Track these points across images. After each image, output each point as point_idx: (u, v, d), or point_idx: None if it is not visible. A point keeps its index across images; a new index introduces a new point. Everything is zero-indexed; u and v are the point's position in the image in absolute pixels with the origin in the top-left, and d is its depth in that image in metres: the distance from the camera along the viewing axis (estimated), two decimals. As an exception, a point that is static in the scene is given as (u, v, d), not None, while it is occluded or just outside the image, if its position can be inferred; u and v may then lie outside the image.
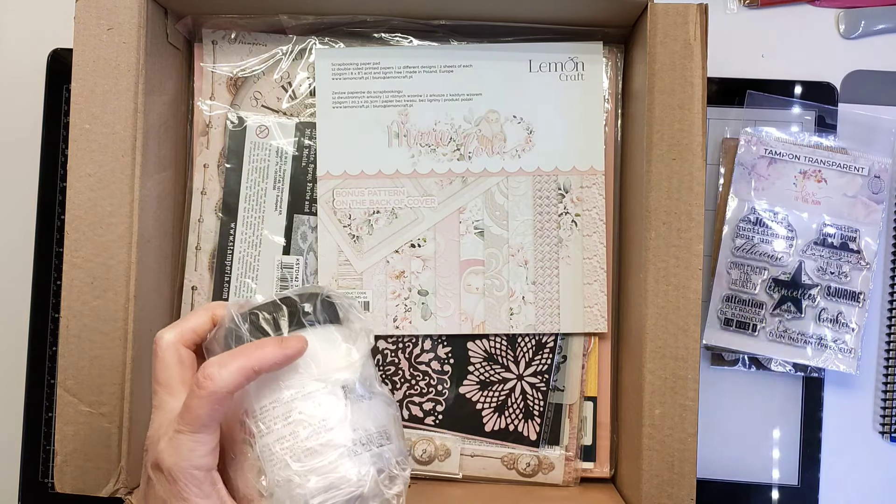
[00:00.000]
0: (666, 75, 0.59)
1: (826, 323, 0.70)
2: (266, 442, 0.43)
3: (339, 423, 0.43)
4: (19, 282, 0.73)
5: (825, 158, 0.70)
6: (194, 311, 0.47)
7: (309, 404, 0.43)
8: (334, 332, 0.46)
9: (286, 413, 0.43)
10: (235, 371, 0.41)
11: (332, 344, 0.46)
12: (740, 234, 0.71)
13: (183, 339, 0.46)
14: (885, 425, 0.71)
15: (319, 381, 0.44)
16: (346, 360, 0.45)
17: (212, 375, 0.41)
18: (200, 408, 0.41)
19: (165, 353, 0.45)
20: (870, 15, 0.74)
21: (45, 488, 0.72)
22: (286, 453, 0.43)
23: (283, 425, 0.43)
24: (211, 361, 0.42)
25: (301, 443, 0.43)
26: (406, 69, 0.68)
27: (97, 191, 0.59)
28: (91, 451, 0.59)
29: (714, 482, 0.71)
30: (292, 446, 0.43)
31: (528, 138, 0.68)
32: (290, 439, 0.43)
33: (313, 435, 0.43)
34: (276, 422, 0.43)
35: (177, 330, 0.46)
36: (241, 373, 0.41)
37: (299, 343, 0.44)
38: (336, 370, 0.45)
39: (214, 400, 0.41)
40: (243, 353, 0.42)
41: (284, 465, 0.43)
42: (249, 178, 0.68)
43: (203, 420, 0.41)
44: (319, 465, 0.43)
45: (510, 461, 0.67)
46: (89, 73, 0.60)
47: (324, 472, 0.43)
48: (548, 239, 0.67)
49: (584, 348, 0.68)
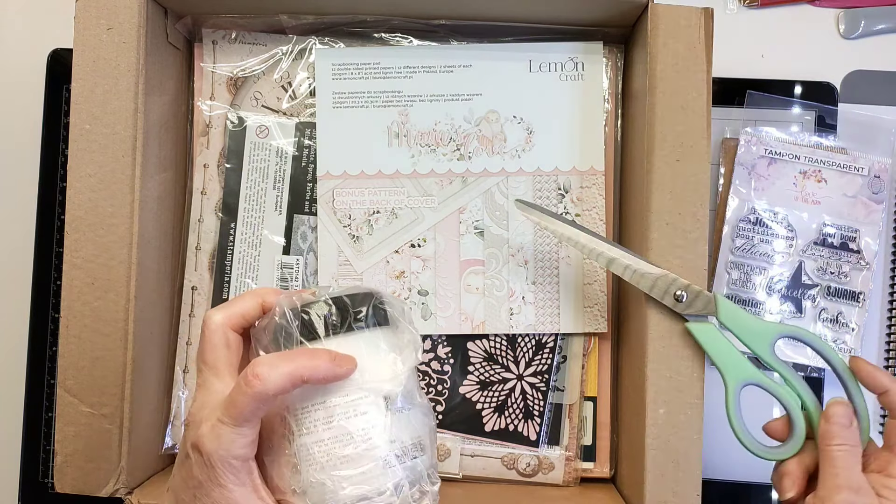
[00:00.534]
0: (668, 76, 0.59)
1: (826, 323, 0.70)
2: (304, 442, 0.44)
3: (378, 434, 0.44)
4: (19, 282, 0.73)
5: (825, 158, 0.71)
6: (244, 294, 0.47)
7: (351, 412, 0.44)
8: (383, 340, 0.46)
9: (328, 417, 0.44)
10: (285, 376, 0.41)
11: (379, 352, 0.46)
12: (740, 234, 0.71)
13: (231, 322, 0.46)
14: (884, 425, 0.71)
15: (363, 390, 0.44)
16: (391, 370, 0.45)
17: (261, 375, 0.41)
18: (245, 405, 0.41)
19: (213, 335, 0.45)
20: (870, 15, 0.74)
21: (45, 488, 0.72)
22: (323, 457, 0.43)
23: (324, 429, 0.43)
24: (262, 361, 0.42)
25: (339, 449, 0.43)
26: (406, 69, 0.68)
27: (97, 191, 0.59)
28: (91, 451, 0.59)
29: (715, 482, 0.71)
30: (330, 451, 0.43)
31: (528, 138, 0.68)
32: (329, 444, 0.43)
33: (352, 443, 0.43)
34: (316, 424, 0.44)
35: (226, 312, 0.46)
36: (289, 379, 0.42)
37: (351, 364, 0.44)
38: (381, 380, 0.45)
39: (260, 399, 0.41)
40: (295, 360, 0.42)
41: (320, 467, 0.43)
42: (249, 178, 0.68)
43: (246, 416, 0.42)
44: (355, 473, 0.43)
45: (510, 461, 0.67)
46: (89, 73, 0.60)
47: (358, 482, 0.43)
48: (548, 239, 0.67)
49: (584, 348, 0.68)
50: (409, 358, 0.46)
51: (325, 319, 0.45)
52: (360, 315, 0.45)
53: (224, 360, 0.46)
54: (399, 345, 0.47)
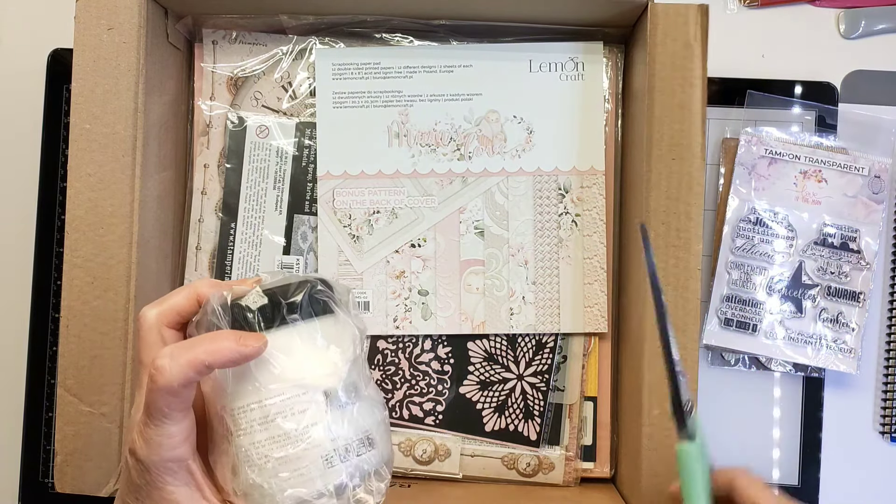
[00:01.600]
0: (666, 75, 0.59)
1: (826, 323, 0.70)
2: (242, 443, 0.42)
3: (317, 433, 0.42)
4: (19, 282, 0.73)
5: (825, 158, 0.70)
6: (179, 288, 0.45)
7: (287, 410, 0.42)
8: (321, 332, 0.44)
9: (263, 417, 0.42)
10: (185, 364, 0.39)
11: (316, 345, 0.43)
12: (740, 234, 0.71)
13: (166, 319, 0.44)
14: (885, 425, 0.71)
15: (300, 387, 0.42)
16: (331, 363, 0.43)
17: (161, 368, 0.39)
18: (154, 401, 0.40)
19: (148, 334, 0.43)
20: (870, 15, 0.74)
21: (45, 488, 0.72)
22: (260, 458, 0.42)
23: (260, 429, 0.42)
24: (163, 352, 0.40)
25: (276, 450, 0.41)
26: (406, 69, 0.68)
27: (97, 191, 0.59)
28: (91, 451, 0.59)
29: (714, 482, 0.71)
30: (267, 452, 0.41)
31: (528, 138, 0.68)
32: (266, 445, 0.42)
33: (289, 443, 0.41)
34: (252, 424, 0.42)
35: (160, 309, 0.44)
36: (191, 366, 0.40)
37: (258, 342, 0.41)
38: (319, 375, 0.43)
39: (168, 392, 0.39)
40: (196, 346, 0.40)
41: (258, 469, 0.42)
42: (249, 178, 0.69)
43: (163, 412, 0.40)
44: (293, 475, 0.42)
45: (510, 461, 0.67)
46: (89, 73, 0.60)
47: (297, 485, 0.41)
48: (548, 239, 0.67)
49: (584, 348, 0.68)
50: (348, 349, 0.44)
51: (255, 314, 0.42)
52: (294, 306, 0.43)
53: None
54: (339, 335, 0.44)
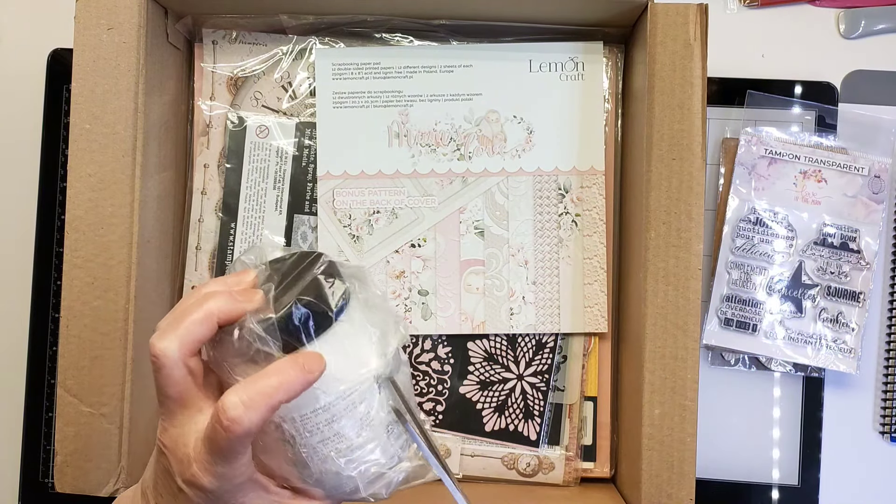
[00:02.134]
0: (666, 75, 0.59)
1: (826, 323, 0.70)
2: (309, 442, 0.43)
3: (376, 413, 0.44)
4: (19, 282, 0.73)
5: (825, 158, 0.70)
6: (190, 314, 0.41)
7: (350, 405, 0.43)
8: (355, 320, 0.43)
9: (329, 418, 0.43)
10: (263, 410, 0.39)
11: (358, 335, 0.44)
12: (740, 234, 0.71)
13: (189, 350, 0.41)
14: (885, 425, 0.71)
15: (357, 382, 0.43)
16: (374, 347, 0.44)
17: (238, 419, 0.38)
18: (230, 446, 0.39)
19: (173, 371, 0.41)
20: (870, 15, 0.74)
21: (45, 488, 0.72)
22: (332, 450, 0.43)
23: (327, 428, 0.43)
24: (234, 402, 0.38)
25: (347, 441, 0.43)
26: (406, 69, 0.68)
27: (97, 191, 0.59)
28: (91, 451, 0.59)
29: (714, 482, 0.71)
30: (338, 446, 0.43)
31: (528, 138, 0.68)
32: (336, 439, 0.43)
33: (356, 431, 0.43)
34: (319, 426, 0.43)
35: (180, 343, 0.41)
36: (267, 408, 0.39)
37: (320, 366, 0.41)
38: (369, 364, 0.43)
39: (243, 437, 0.39)
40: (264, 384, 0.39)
41: (331, 459, 0.43)
42: (249, 178, 0.68)
43: (236, 452, 0.40)
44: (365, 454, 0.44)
45: (510, 461, 0.67)
46: (89, 73, 0.60)
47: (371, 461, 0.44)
48: (548, 239, 0.67)
49: (584, 348, 0.68)
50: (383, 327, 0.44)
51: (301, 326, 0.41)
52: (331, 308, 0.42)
53: (191, 391, 0.42)
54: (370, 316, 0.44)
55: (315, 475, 0.44)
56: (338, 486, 0.44)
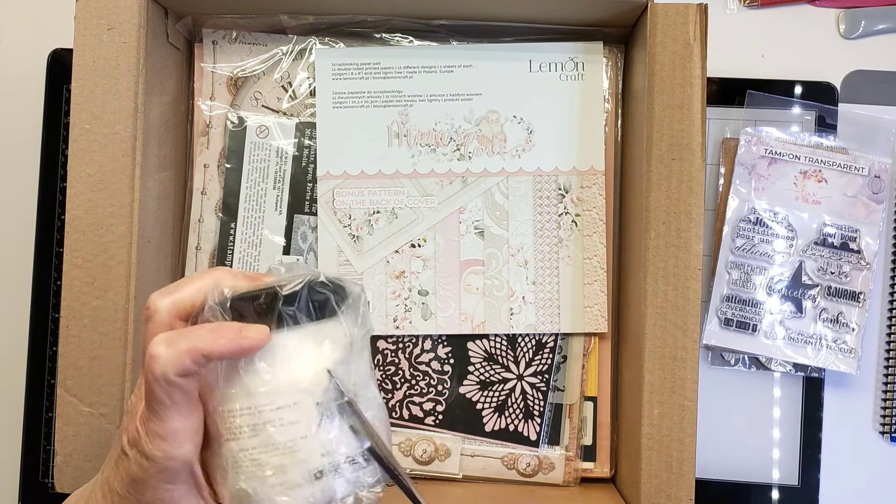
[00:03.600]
0: (666, 75, 0.59)
1: (826, 323, 0.70)
2: (231, 447, 0.40)
3: (307, 445, 0.40)
4: (19, 282, 0.73)
5: (825, 158, 0.70)
6: (195, 276, 0.42)
7: (278, 421, 0.40)
8: (318, 335, 0.41)
9: (253, 424, 0.40)
10: (183, 353, 0.37)
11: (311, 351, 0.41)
12: (740, 234, 0.71)
13: (179, 312, 0.41)
14: (885, 425, 0.71)
15: (293, 395, 0.40)
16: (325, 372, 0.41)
17: (157, 356, 0.37)
18: (154, 391, 0.38)
19: (157, 327, 0.40)
20: (870, 15, 0.74)
21: (45, 488, 0.72)
22: (249, 465, 0.40)
23: (249, 436, 0.40)
24: (158, 339, 0.38)
25: (265, 458, 0.40)
26: (406, 69, 0.68)
27: (97, 191, 0.59)
28: (91, 451, 0.59)
29: (714, 482, 0.71)
30: (256, 460, 0.40)
31: (528, 138, 0.68)
32: (254, 453, 0.40)
33: (278, 453, 0.40)
34: (241, 430, 0.40)
35: (172, 300, 0.41)
36: (188, 355, 0.37)
37: (260, 335, 0.39)
38: (314, 382, 0.40)
39: (165, 381, 0.37)
40: (194, 335, 0.38)
41: (246, 476, 0.40)
42: (249, 178, 0.69)
43: (164, 403, 0.38)
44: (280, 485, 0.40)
45: (510, 461, 0.67)
46: (89, 73, 0.60)
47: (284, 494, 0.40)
48: (548, 239, 0.67)
49: (584, 348, 0.68)
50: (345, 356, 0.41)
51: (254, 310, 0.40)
52: (291, 309, 0.40)
53: None
54: (338, 341, 0.41)
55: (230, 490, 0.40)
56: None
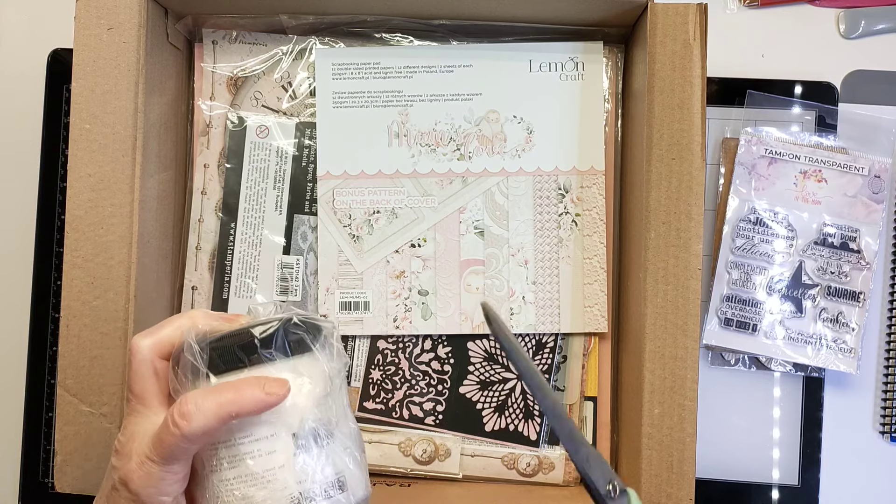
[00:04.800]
0: (666, 75, 0.59)
1: (826, 323, 0.70)
2: (213, 480, 0.42)
3: (283, 475, 0.42)
4: (19, 282, 0.73)
5: (825, 158, 0.70)
6: (174, 317, 0.45)
7: (255, 451, 0.42)
8: (294, 370, 0.43)
9: (232, 456, 0.42)
10: (212, 416, 0.40)
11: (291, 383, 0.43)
12: (740, 234, 0.71)
13: (160, 350, 0.44)
14: (885, 425, 0.71)
15: (269, 426, 0.42)
16: (301, 405, 0.43)
17: (188, 416, 0.40)
18: (172, 445, 0.40)
19: (140, 366, 0.44)
20: (870, 15, 0.74)
21: (45, 488, 0.72)
22: (229, 496, 0.42)
23: (228, 468, 0.42)
24: (188, 399, 0.41)
25: (243, 489, 0.42)
26: (406, 69, 0.68)
27: (97, 191, 0.59)
28: (91, 451, 0.59)
29: (714, 482, 0.71)
30: (235, 491, 0.42)
31: (528, 138, 0.68)
32: (234, 483, 0.42)
33: (255, 483, 0.42)
34: (222, 462, 0.42)
35: (153, 340, 0.44)
36: (217, 418, 0.40)
37: (282, 389, 0.42)
38: (290, 414, 0.42)
39: (187, 440, 0.40)
40: (222, 395, 0.41)
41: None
42: (249, 178, 0.69)
43: (175, 455, 0.41)
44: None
45: (510, 461, 0.67)
46: (89, 73, 0.60)
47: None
48: (548, 239, 0.67)
49: (584, 348, 0.68)
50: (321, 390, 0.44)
51: (232, 352, 0.43)
52: (268, 344, 0.43)
53: (152, 391, 0.44)
54: (313, 375, 0.44)
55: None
56: None
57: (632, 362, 0.63)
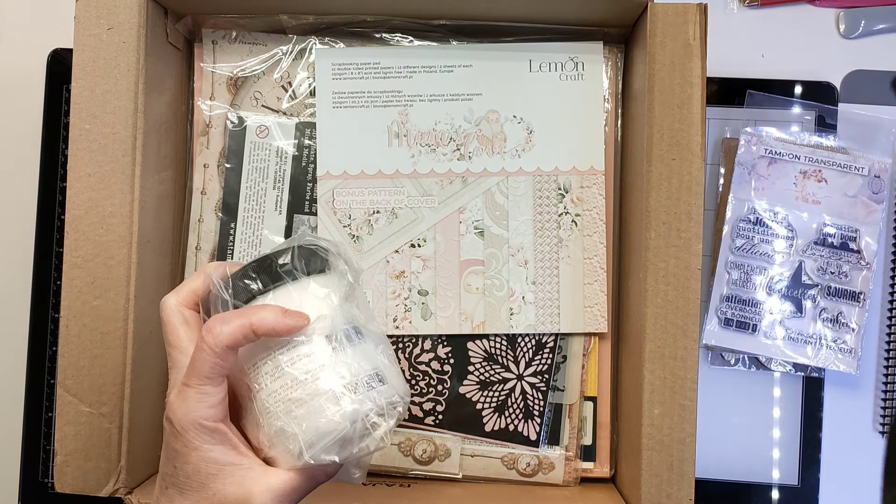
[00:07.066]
0: (666, 75, 0.59)
1: (826, 323, 0.70)
2: (261, 397, 0.45)
3: (324, 372, 0.45)
4: (19, 282, 0.73)
5: (825, 158, 0.70)
6: (192, 276, 0.49)
7: (294, 357, 0.45)
8: (315, 281, 0.47)
9: (274, 368, 0.45)
10: (236, 328, 0.43)
11: (312, 295, 0.47)
12: (740, 234, 0.71)
13: (185, 301, 0.48)
14: (885, 425, 0.71)
15: (303, 334, 0.45)
16: (328, 309, 0.46)
17: (213, 330, 0.43)
18: (203, 361, 0.43)
19: (171, 316, 0.47)
20: (870, 15, 0.74)
21: (45, 488, 0.72)
22: (277, 405, 0.45)
23: (272, 380, 0.45)
24: (214, 318, 0.44)
25: (290, 394, 0.44)
26: (406, 69, 0.68)
27: (97, 191, 0.59)
28: (91, 451, 0.59)
29: (714, 482, 0.71)
30: (283, 398, 0.45)
31: (528, 138, 0.68)
32: (281, 392, 0.45)
33: (300, 386, 0.44)
34: (266, 377, 0.45)
35: (178, 294, 0.48)
36: (240, 330, 0.43)
37: (301, 318, 0.45)
38: (319, 321, 0.46)
39: (216, 354, 0.43)
40: (244, 313, 0.44)
41: (276, 416, 0.44)
42: (249, 178, 0.69)
43: (206, 372, 0.43)
44: (308, 412, 0.44)
45: (510, 461, 0.67)
46: (89, 73, 0.60)
47: (313, 420, 0.44)
48: (548, 239, 0.68)
49: (584, 348, 0.68)
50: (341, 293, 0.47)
51: (253, 278, 0.46)
52: (285, 264, 0.46)
53: (184, 338, 0.47)
54: (333, 283, 0.48)
55: (268, 436, 0.45)
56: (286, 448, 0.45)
57: (632, 362, 0.63)
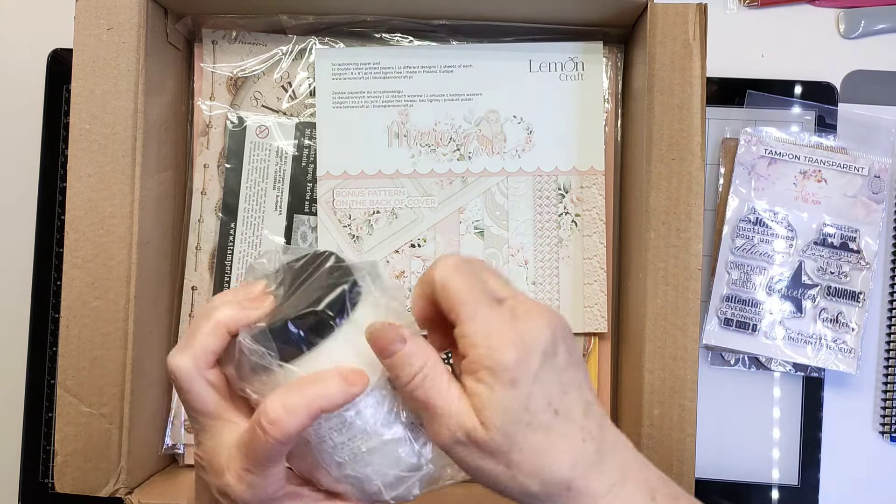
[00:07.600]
0: (665, 75, 0.59)
1: (826, 323, 0.70)
2: (324, 449, 0.42)
3: (392, 418, 0.42)
4: (19, 282, 0.73)
5: (825, 158, 0.70)
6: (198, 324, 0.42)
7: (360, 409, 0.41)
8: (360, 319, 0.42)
9: (340, 424, 0.41)
10: (303, 415, 0.39)
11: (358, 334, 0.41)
12: (740, 234, 0.71)
13: (203, 363, 0.42)
14: (885, 425, 0.71)
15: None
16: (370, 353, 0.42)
17: (278, 422, 0.38)
18: (268, 451, 0.39)
19: (192, 385, 0.41)
20: (870, 15, 0.74)
21: (45, 488, 0.72)
22: (348, 455, 0.42)
23: (338, 434, 0.41)
24: (274, 404, 0.39)
25: (362, 446, 0.42)
26: (406, 69, 0.68)
27: (97, 191, 0.59)
28: (91, 451, 0.59)
29: (714, 482, 0.71)
30: (353, 451, 0.42)
31: (528, 138, 0.68)
32: (350, 445, 0.42)
33: (372, 437, 0.42)
34: (330, 433, 0.42)
35: (191, 355, 0.42)
36: (308, 415, 0.39)
37: (363, 379, 0.40)
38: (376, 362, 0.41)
39: (282, 444, 0.39)
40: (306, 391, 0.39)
41: (348, 465, 0.42)
42: (249, 178, 0.69)
43: (273, 459, 0.40)
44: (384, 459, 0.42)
45: (510, 461, 0.67)
46: (89, 73, 0.60)
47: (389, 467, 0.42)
48: (548, 239, 0.67)
49: (584, 348, 0.68)
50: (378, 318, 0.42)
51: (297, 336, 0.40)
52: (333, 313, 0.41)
53: (214, 402, 0.42)
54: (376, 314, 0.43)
55: (338, 479, 0.43)
56: (362, 490, 0.43)
57: (632, 362, 0.63)
